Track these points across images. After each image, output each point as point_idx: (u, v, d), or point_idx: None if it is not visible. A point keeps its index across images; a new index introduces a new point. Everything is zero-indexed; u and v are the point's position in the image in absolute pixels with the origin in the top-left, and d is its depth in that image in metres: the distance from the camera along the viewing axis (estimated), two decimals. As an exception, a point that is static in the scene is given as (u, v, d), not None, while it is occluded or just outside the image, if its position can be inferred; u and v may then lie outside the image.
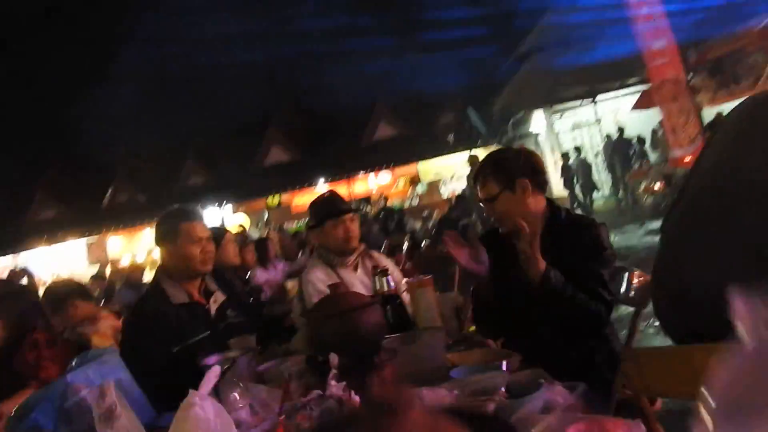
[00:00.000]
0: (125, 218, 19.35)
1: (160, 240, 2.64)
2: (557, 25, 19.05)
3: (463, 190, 16.16)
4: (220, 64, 21.95)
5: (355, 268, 3.06)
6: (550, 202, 2.43)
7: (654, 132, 16.32)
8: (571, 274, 2.17)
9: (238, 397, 1.29)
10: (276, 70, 22.37)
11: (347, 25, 21.44)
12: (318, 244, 3.12)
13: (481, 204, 2.54)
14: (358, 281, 3.01)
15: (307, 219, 3.29)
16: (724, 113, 9.70)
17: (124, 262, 18.08)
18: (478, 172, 2.43)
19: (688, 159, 10.66)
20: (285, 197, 20.26)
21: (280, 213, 19.93)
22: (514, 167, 2.34)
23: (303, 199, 20.26)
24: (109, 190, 21.64)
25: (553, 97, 17.97)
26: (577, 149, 17.17)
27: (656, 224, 8.75)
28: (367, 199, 20.03)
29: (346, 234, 2.97)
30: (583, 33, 17.83)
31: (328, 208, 3.00)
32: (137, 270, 8.99)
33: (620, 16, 13.08)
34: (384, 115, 22.18)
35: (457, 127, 21.18)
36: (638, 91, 16.31)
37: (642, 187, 13.36)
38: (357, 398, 1.16)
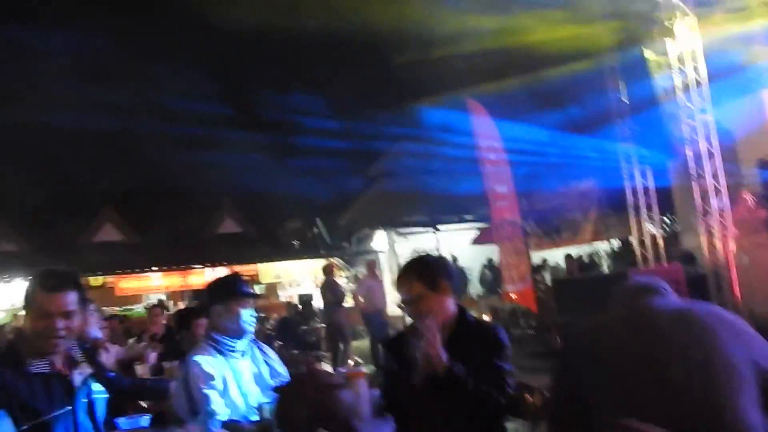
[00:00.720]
0: None
1: (24, 303, 2.34)
2: (409, 153, 20.61)
3: (308, 296, 16.15)
4: (62, 127, 20.63)
5: (243, 355, 2.97)
6: (460, 307, 2.65)
7: (483, 267, 17.74)
8: (477, 370, 2.37)
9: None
10: (123, 143, 21.46)
11: (208, 113, 21.36)
12: (209, 327, 2.97)
13: (400, 306, 2.65)
14: (246, 369, 2.92)
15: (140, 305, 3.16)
16: (548, 259, 10.88)
17: None
18: (403, 274, 2.61)
19: (515, 296, 11.68)
20: (109, 279, 18.75)
21: (102, 294, 18.31)
22: (438, 270, 2.58)
23: (129, 283, 18.94)
24: None
25: (396, 220, 18.96)
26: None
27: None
28: (199, 292, 19.12)
29: (239, 320, 2.89)
30: (432, 165, 19.45)
31: (235, 288, 2.92)
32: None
33: (467, 156, 14.52)
34: (230, 211, 21.94)
35: (303, 234, 21.45)
36: (474, 227, 17.83)
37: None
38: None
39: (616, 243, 13.74)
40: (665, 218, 11.66)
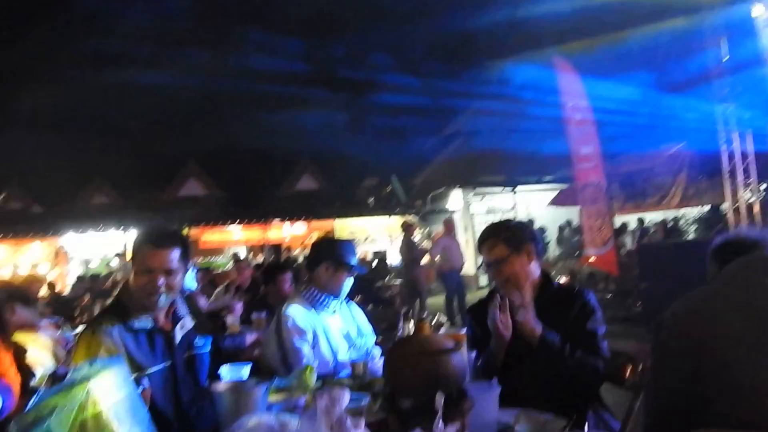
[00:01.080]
0: (16, 227, 17.87)
1: (130, 257, 2.39)
2: (489, 111, 20.20)
3: (383, 253, 16.34)
4: (148, 86, 21.48)
5: (334, 313, 3.03)
6: (545, 271, 2.63)
7: (561, 229, 17.35)
8: (566, 337, 2.35)
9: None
10: (207, 103, 22.18)
11: (289, 73, 21.66)
12: (309, 281, 3.04)
13: (484, 269, 2.63)
14: (335, 326, 2.97)
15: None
16: (629, 223, 10.39)
17: (4, 274, 16.58)
18: (487, 236, 2.58)
19: (593, 260, 11.38)
20: (193, 232, 19.59)
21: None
22: (522, 233, 2.56)
23: (212, 236, 19.71)
24: (1, 196, 20.12)
25: (473, 180, 18.74)
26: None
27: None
28: (278, 246, 19.75)
29: (340, 285, 2.97)
30: (512, 124, 19.02)
31: (340, 254, 2.98)
32: (34, 283, 8.24)
33: (550, 115, 14.08)
34: (309, 169, 22.33)
35: (378, 192, 21.58)
36: (553, 188, 17.38)
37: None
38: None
39: (705, 209, 13.05)
40: (763, 185, 10.95)
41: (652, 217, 15.09)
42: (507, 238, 2.51)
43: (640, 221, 15.31)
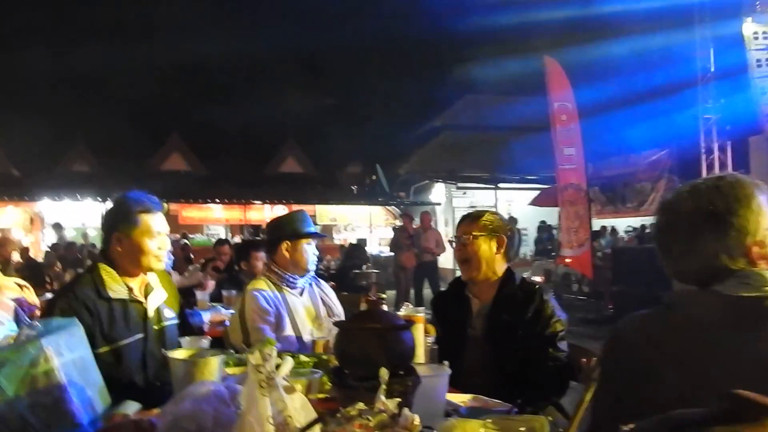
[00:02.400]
0: (-10, 189, 17.59)
1: (111, 227, 2.37)
2: (475, 106, 20.25)
3: (362, 240, 16.35)
4: (137, 57, 21.25)
5: (301, 293, 3.03)
6: (509, 269, 2.67)
7: (539, 228, 17.49)
8: (522, 335, 2.40)
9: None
10: (193, 77, 21.97)
11: (277, 55, 21.53)
12: (271, 261, 3.04)
13: (451, 242, 2.72)
14: (301, 306, 2.98)
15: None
16: (608, 227, 10.36)
17: (-23, 236, 16.32)
18: (467, 216, 2.70)
19: (569, 261, 11.50)
20: (173, 207, 19.43)
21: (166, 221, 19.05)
22: (502, 225, 2.63)
23: (192, 212, 19.57)
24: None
25: (456, 174, 18.79)
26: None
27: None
28: (257, 227, 19.69)
29: (305, 257, 2.94)
30: (498, 122, 19.11)
31: (305, 225, 2.97)
32: (6, 245, 8.15)
33: (536, 114, 14.14)
34: (293, 152, 22.24)
35: (362, 179, 21.58)
36: (534, 188, 17.51)
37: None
38: (408, 416, 1.16)
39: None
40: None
41: (630, 222, 15.30)
42: (486, 221, 2.60)
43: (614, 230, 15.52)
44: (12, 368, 1.48)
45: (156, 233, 2.35)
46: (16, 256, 9.38)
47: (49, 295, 6.23)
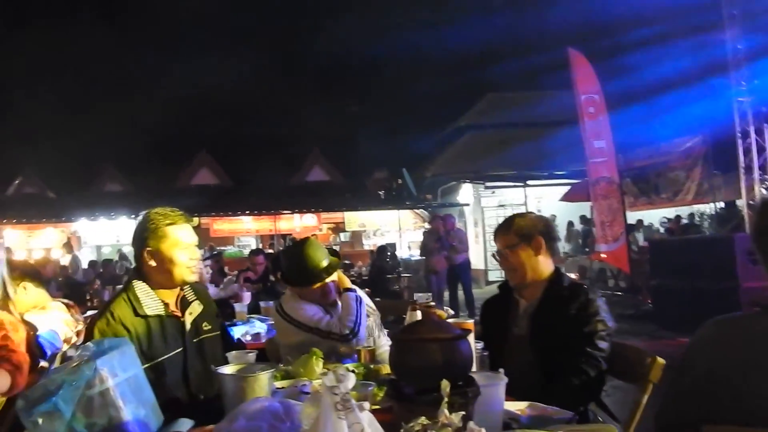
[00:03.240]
0: (29, 213, 18.03)
1: (141, 243, 2.37)
2: (500, 105, 20.11)
3: (392, 245, 16.30)
4: (164, 75, 21.62)
5: (333, 305, 3.01)
6: (557, 269, 2.61)
7: (569, 224, 17.27)
8: (565, 336, 2.34)
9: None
10: (219, 92, 22.25)
11: (303, 63, 21.69)
12: None
13: (494, 256, 2.67)
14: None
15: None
16: (644, 219, 10.04)
17: (18, 258, 16.73)
18: (501, 225, 2.63)
19: (604, 256, 11.31)
20: (204, 220, 19.68)
21: (198, 234, 19.28)
22: (535, 226, 2.57)
23: (223, 225, 19.80)
24: (16, 181, 20.31)
25: (483, 174, 18.66)
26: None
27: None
28: (288, 237, 19.84)
29: (325, 294, 2.95)
30: (524, 118, 18.95)
31: (306, 274, 2.94)
32: (47, 265, 8.36)
33: (563, 109, 13.94)
34: (319, 161, 22.38)
35: (389, 184, 21.57)
36: (565, 183, 17.28)
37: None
38: (474, 429, 1.13)
39: (719, 205, 12.90)
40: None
41: (665, 213, 14.98)
42: (518, 228, 2.54)
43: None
44: (69, 390, 1.49)
45: (185, 244, 2.36)
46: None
47: (90, 312, 6.35)
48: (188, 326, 2.38)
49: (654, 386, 2.21)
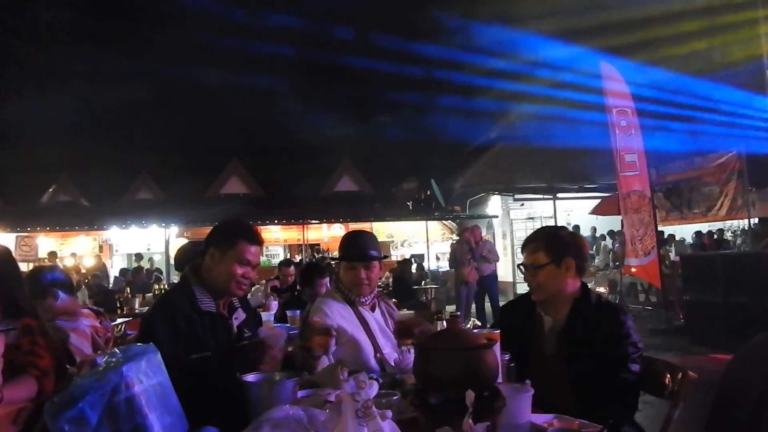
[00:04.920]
0: (63, 220, 18.42)
1: (212, 241, 2.52)
2: (530, 117, 19.95)
3: (420, 256, 16.26)
4: (191, 84, 21.96)
5: (373, 308, 3.01)
6: (584, 285, 2.56)
7: (600, 238, 17.03)
8: (596, 357, 2.30)
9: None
10: (250, 101, 22.51)
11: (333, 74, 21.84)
12: (337, 279, 3.06)
13: (520, 267, 2.61)
14: (374, 321, 2.96)
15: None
16: (674, 234, 9.88)
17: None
18: (533, 239, 2.58)
19: (634, 270, 11.11)
20: (233, 230, 19.88)
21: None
22: (566, 246, 2.50)
23: (252, 235, 19.93)
24: (51, 189, 20.80)
25: (512, 186, 18.52)
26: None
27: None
28: (316, 247, 19.94)
29: (356, 279, 2.94)
30: (555, 130, 18.75)
31: (350, 251, 2.97)
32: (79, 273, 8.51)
33: (594, 121, 13.79)
34: (349, 170, 22.46)
35: (417, 195, 21.55)
36: (594, 196, 17.06)
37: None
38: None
39: (753, 221, 12.62)
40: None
41: (696, 228, 14.69)
42: (550, 246, 2.48)
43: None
44: (95, 396, 1.50)
45: (246, 261, 2.46)
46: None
47: (120, 320, 6.43)
48: (234, 330, 2.51)
49: (685, 402, 2.17)
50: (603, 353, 2.31)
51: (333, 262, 3.15)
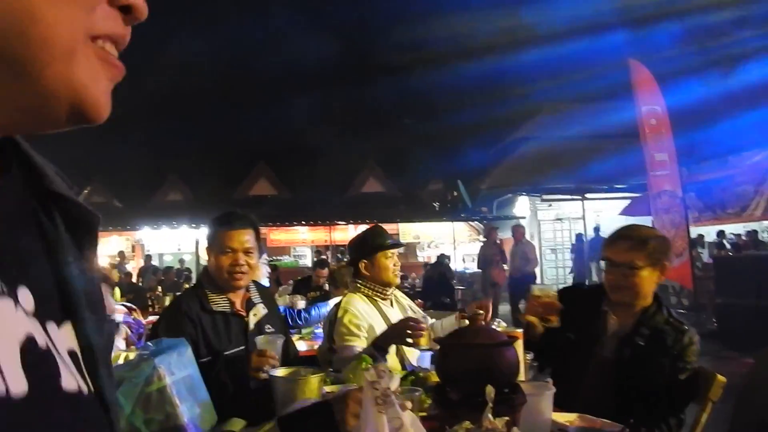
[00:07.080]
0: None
1: (207, 244, 2.53)
2: (558, 116, 19.77)
3: (446, 257, 16.21)
4: (221, 86, 22.26)
5: (392, 304, 3.03)
6: (657, 295, 2.39)
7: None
8: (655, 370, 2.21)
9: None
10: (275, 104, 22.76)
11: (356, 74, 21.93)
12: (362, 276, 3.05)
13: (601, 261, 2.52)
14: (395, 317, 2.97)
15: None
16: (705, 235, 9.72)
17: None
18: (628, 236, 2.37)
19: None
20: (261, 230, 20.07)
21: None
22: (665, 249, 2.37)
23: (279, 235, 20.15)
24: (85, 191, 21.29)
25: (540, 187, 18.36)
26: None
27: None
28: (341, 247, 20.02)
29: (395, 267, 2.96)
30: (582, 130, 18.56)
31: (380, 240, 2.98)
32: (112, 271, 8.70)
33: (623, 121, 13.61)
34: (375, 172, 22.54)
35: (443, 196, 21.51)
36: (624, 197, 16.82)
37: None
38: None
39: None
40: None
41: (729, 229, 14.39)
42: (653, 249, 2.29)
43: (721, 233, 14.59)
44: (129, 386, 1.56)
45: (229, 249, 2.42)
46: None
47: (152, 317, 6.57)
48: (251, 326, 2.47)
49: (714, 405, 2.14)
50: (664, 369, 2.21)
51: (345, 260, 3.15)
